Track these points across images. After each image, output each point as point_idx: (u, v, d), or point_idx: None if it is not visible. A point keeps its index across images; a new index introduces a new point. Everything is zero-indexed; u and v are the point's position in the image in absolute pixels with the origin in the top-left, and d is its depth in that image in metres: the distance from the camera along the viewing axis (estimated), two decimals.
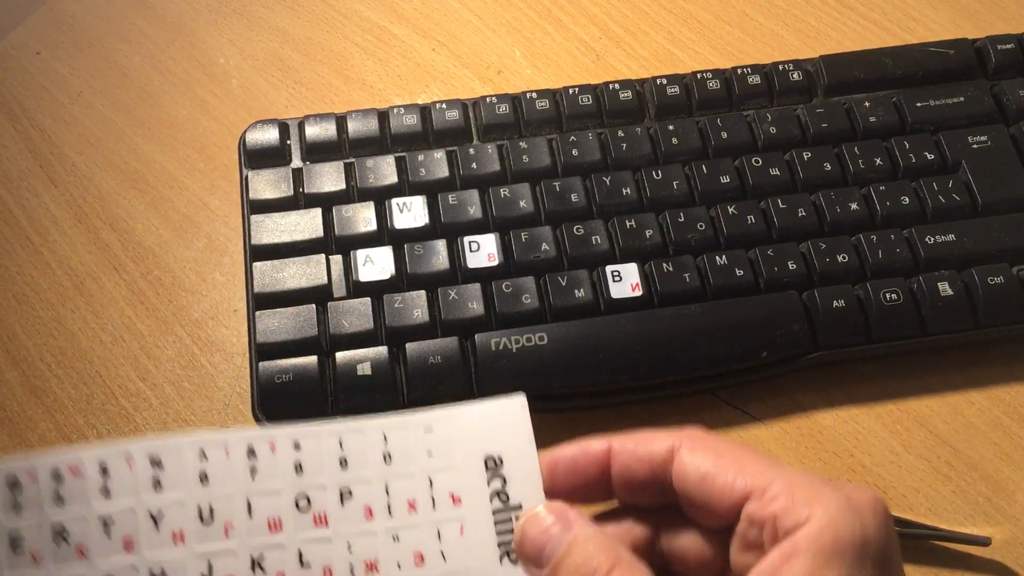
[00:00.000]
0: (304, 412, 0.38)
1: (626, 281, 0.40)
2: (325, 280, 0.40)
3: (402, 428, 0.29)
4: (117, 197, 0.46)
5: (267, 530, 0.28)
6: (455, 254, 0.41)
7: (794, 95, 0.45)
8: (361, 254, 0.40)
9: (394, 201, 0.42)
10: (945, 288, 0.39)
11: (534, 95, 0.44)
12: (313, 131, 0.43)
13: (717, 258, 0.40)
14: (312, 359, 0.38)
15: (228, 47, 0.50)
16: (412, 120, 0.44)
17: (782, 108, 0.44)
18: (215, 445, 0.28)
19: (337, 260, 0.41)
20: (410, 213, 0.41)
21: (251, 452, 0.28)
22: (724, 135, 0.43)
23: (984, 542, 0.36)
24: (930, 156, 0.42)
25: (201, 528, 0.27)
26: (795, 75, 0.45)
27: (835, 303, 0.39)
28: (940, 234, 0.41)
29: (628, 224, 0.41)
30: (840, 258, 0.40)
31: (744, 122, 0.44)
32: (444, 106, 0.44)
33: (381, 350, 0.38)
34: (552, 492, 0.29)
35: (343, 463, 0.29)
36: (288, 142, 0.44)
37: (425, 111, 0.44)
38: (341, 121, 0.44)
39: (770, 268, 0.40)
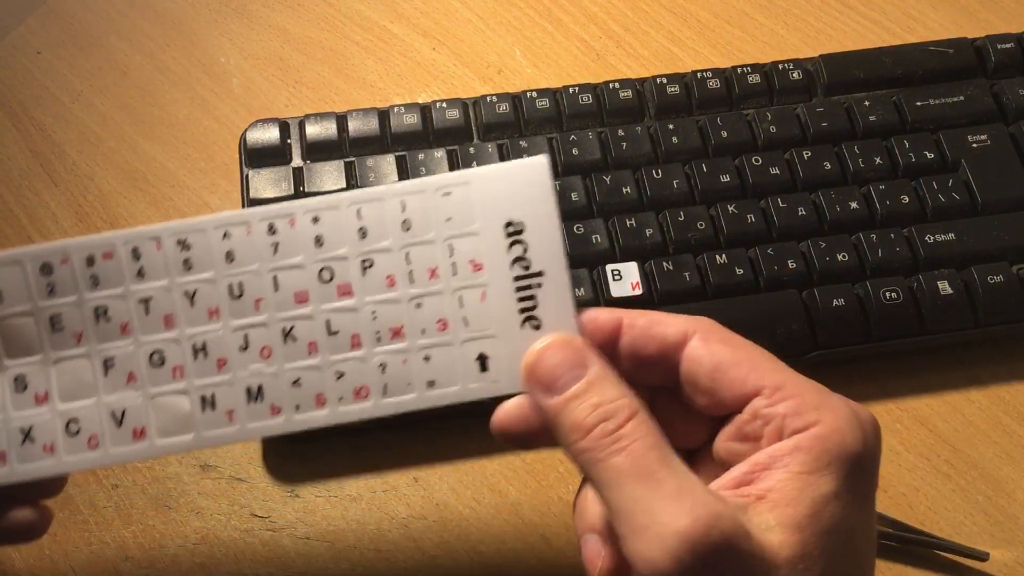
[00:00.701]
0: None
1: (626, 280, 0.40)
2: None
3: (420, 193, 0.29)
4: (118, 196, 0.46)
5: (294, 303, 0.29)
6: None
7: (794, 94, 0.45)
8: None
9: None
10: (945, 287, 0.39)
11: (534, 94, 0.44)
12: (313, 130, 0.44)
13: (717, 257, 0.40)
14: None
15: (229, 46, 0.50)
16: (412, 119, 0.44)
17: (782, 107, 0.44)
18: (236, 223, 0.29)
19: None
20: None
21: (271, 228, 0.29)
22: (724, 134, 0.43)
23: (982, 556, 0.36)
24: (930, 155, 0.42)
25: (233, 304, 0.29)
26: (795, 74, 0.45)
27: (835, 302, 0.39)
28: (940, 233, 0.41)
29: (628, 223, 0.41)
30: (840, 257, 0.40)
31: (744, 121, 0.44)
32: (444, 105, 0.44)
33: None
34: None
35: (363, 233, 0.29)
36: (288, 141, 0.44)
37: (425, 110, 0.44)
38: (341, 120, 0.44)
39: (770, 267, 0.40)
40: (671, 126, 0.43)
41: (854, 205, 0.41)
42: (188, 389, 0.28)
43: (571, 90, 0.44)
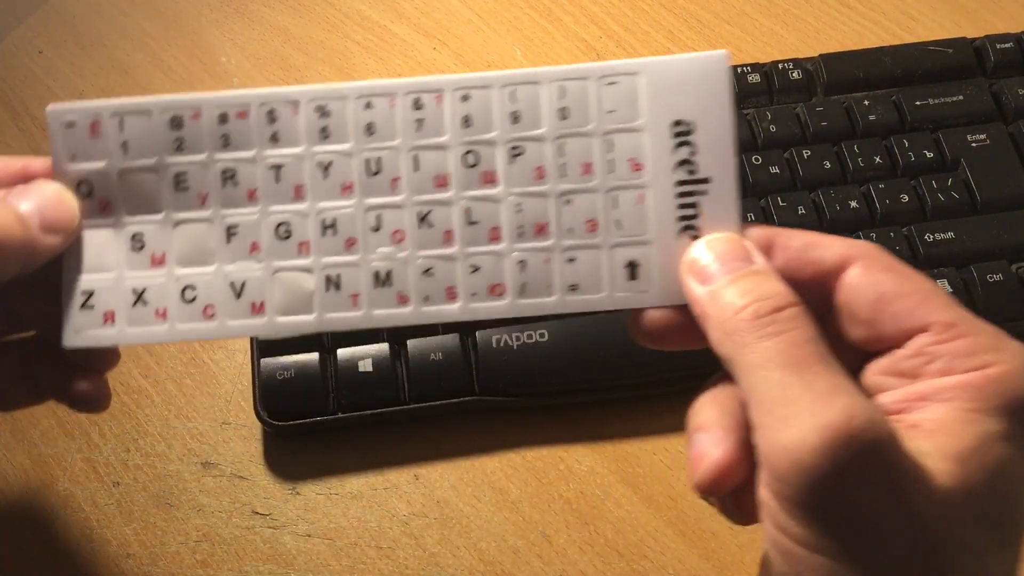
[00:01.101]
0: (306, 408, 0.38)
1: None
2: None
3: (581, 79, 0.26)
4: None
5: (434, 186, 0.27)
6: None
7: (794, 94, 0.45)
8: None
9: None
10: (944, 286, 0.39)
11: None
12: None
13: None
14: (314, 356, 0.38)
15: (230, 46, 0.50)
16: None
17: (782, 106, 0.44)
18: (380, 94, 0.27)
19: None
20: None
21: (417, 103, 0.27)
22: None
23: None
24: (929, 154, 0.42)
25: (369, 181, 0.27)
26: (795, 74, 0.45)
27: None
28: (939, 232, 0.41)
29: None
30: None
31: (744, 121, 0.44)
32: None
33: (382, 347, 0.38)
34: None
35: (515, 118, 0.27)
36: None
37: None
38: None
39: None
40: None
41: (854, 204, 0.41)
42: (313, 266, 0.27)
43: None
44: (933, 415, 0.22)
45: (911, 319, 0.24)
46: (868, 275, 0.24)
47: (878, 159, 0.42)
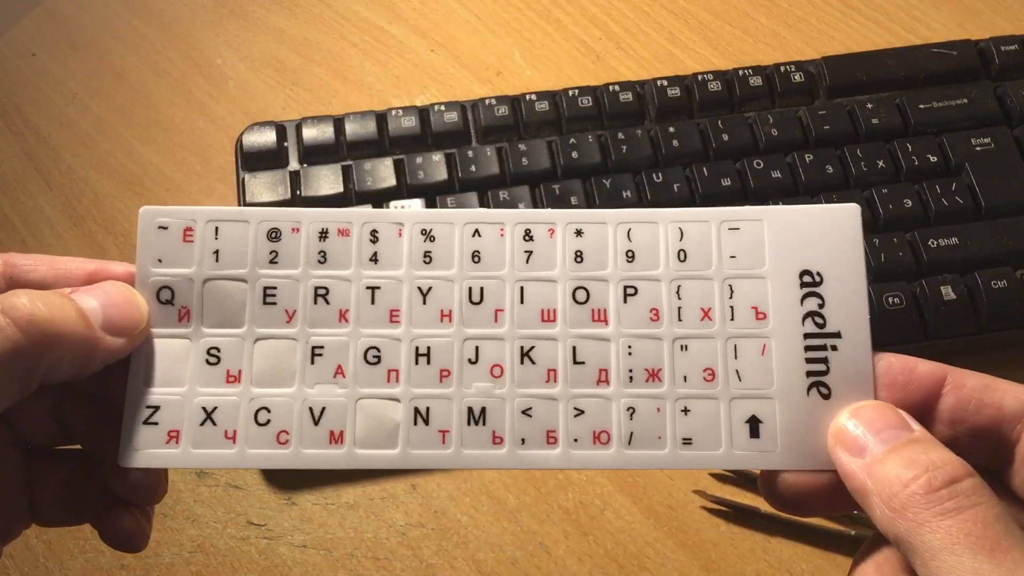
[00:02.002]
0: None
1: None
2: None
3: (702, 222, 0.26)
4: (113, 199, 0.45)
5: (540, 320, 0.26)
6: None
7: (796, 96, 0.44)
8: None
9: (392, 204, 0.41)
10: (948, 292, 0.39)
11: (533, 97, 0.44)
12: (310, 133, 0.43)
13: None
14: None
15: (225, 48, 0.50)
16: (410, 122, 0.43)
17: (784, 110, 0.44)
18: (490, 222, 0.26)
19: None
20: None
21: (528, 235, 0.26)
22: (725, 137, 0.43)
23: None
24: (933, 158, 0.42)
25: (470, 310, 0.26)
26: (797, 76, 0.44)
27: None
28: (943, 237, 0.40)
29: None
30: None
31: (745, 124, 0.43)
32: (443, 108, 0.44)
33: None
34: None
35: (630, 256, 0.26)
36: (285, 144, 0.43)
37: (424, 113, 0.44)
38: (339, 123, 0.43)
39: None
40: (672, 129, 0.43)
41: None
42: (401, 396, 0.25)
43: (571, 92, 0.44)
44: None
45: None
46: None
47: (881, 163, 0.42)
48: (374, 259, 0.26)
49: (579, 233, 0.26)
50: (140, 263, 0.26)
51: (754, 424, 0.25)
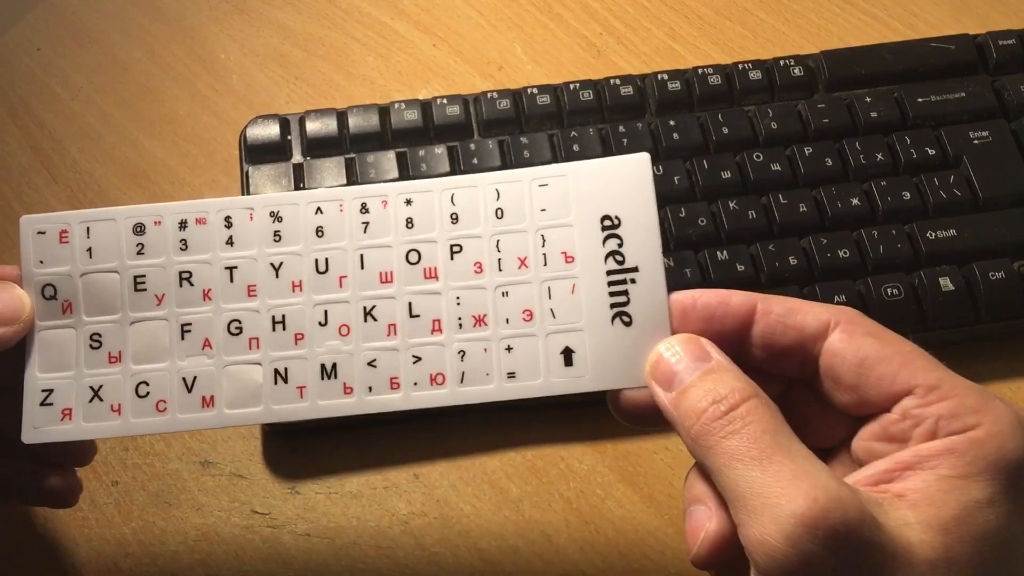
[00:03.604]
0: None
1: None
2: None
3: (515, 182, 0.29)
4: (118, 192, 0.46)
5: (378, 282, 0.29)
6: None
7: (795, 90, 0.45)
8: None
9: None
10: (946, 283, 0.39)
11: (535, 91, 0.44)
12: (314, 127, 0.43)
13: (718, 253, 0.40)
14: None
15: (229, 42, 0.50)
16: (413, 116, 0.44)
17: (783, 103, 0.44)
18: (329, 200, 0.29)
19: None
20: None
21: (364, 208, 0.29)
22: (725, 130, 0.43)
23: None
24: (931, 151, 0.42)
25: (317, 279, 0.29)
26: (796, 70, 0.45)
27: (836, 298, 0.39)
28: (941, 229, 0.40)
29: None
30: (841, 253, 0.40)
31: (745, 117, 0.43)
32: (445, 102, 0.44)
33: None
34: None
35: (454, 218, 0.29)
36: (289, 138, 0.44)
37: (426, 107, 0.44)
38: (342, 117, 0.44)
39: (771, 263, 0.40)
40: (672, 122, 0.43)
41: (855, 201, 0.41)
42: (262, 360, 0.28)
43: (572, 86, 0.44)
44: (917, 484, 0.23)
45: (895, 383, 0.24)
46: (850, 340, 0.25)
47: (880, 156, 0.42)
48: (230, 242, 0.29)
49: (409, 202, 0.29)
50: (24, 265, 0.29)
51: (567, 354, 0.28)
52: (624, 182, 0.28)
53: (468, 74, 0.49)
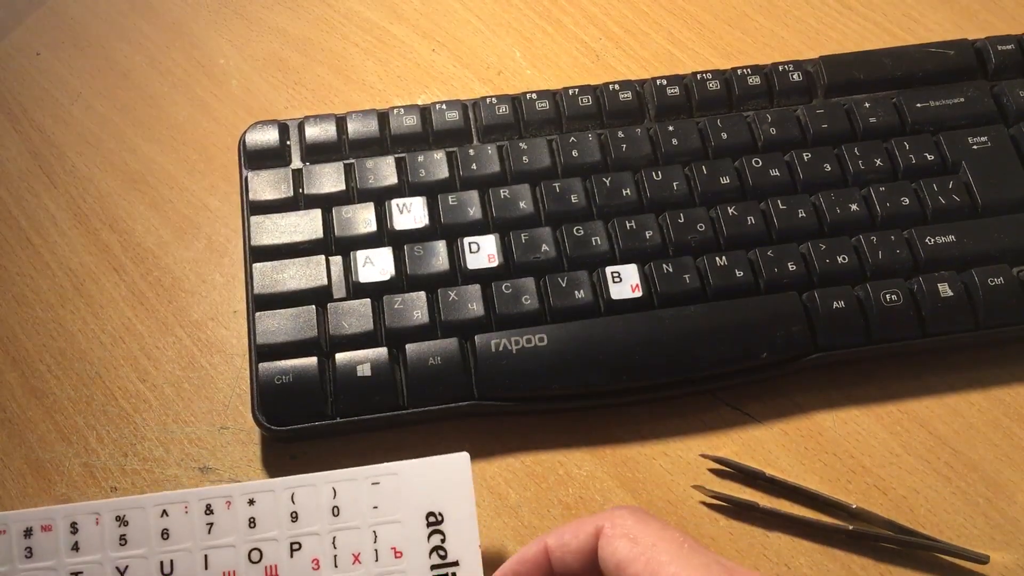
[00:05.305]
0: (304, 413, 0.38)
1: (626, 282, 0.40)
2: (325, 281, 0.40)
3: (351, 481, 0.32)
4: (117, 198, 0.46)
5: None
6: (455, 255, 0.41)
7: (794, 96, 0.45)
8: (361, 255, 0.40)
9: (394, 202, 0.42)
10: (945, 289, 0.39)
11: (534, 96, 0.44)
12: (313, 132, 0.43)
13: (717, 259, 0.40)
14: (312, 360, 0.38)
15: (228, 48, 0.50)
16: (412, 121, 0.44)
17: (782, 109, 0.44)
18: (175, 502, 0.31)
19: (337, 261, 0.41)
20: (410, 214, 0.41)
21: (208, 509, 0.31)
22: (724, 136, 0.43)
23: (983, 559, 0.36)
24: (930, 157, 0.42)
25: None
26: (795, 76, 0.45)
27: (835, 304, 0.39)
28: (940, 235, 0.40)
29: (628, 225, 0.41)
30: (840, 259, 0.40)
31: (744, 123, 0.44)
32: (444, 107, 0.44)
33: (381, 351, 0.38)
34: None
35: (294, 517, 0.32)
36: (288, 143, 0.44)
37: (425, 112, 0.44)
38: (341, 122, 0.44)
39: (770, 269, 0.40)
40: (671, 128, 0.43)
41: (854, 207, 0.41)
42: None
43: (571, 91, 0.44)
44: None
45: None
46: (607, 545, 0.28)
47: (879, 161, 0.42)
48: (75, 548, 0.31)
49: (251, 502, 0.32)
50: None
51: None
52: (447, 480, 0.32)
53: (467, 79, 0.49)
